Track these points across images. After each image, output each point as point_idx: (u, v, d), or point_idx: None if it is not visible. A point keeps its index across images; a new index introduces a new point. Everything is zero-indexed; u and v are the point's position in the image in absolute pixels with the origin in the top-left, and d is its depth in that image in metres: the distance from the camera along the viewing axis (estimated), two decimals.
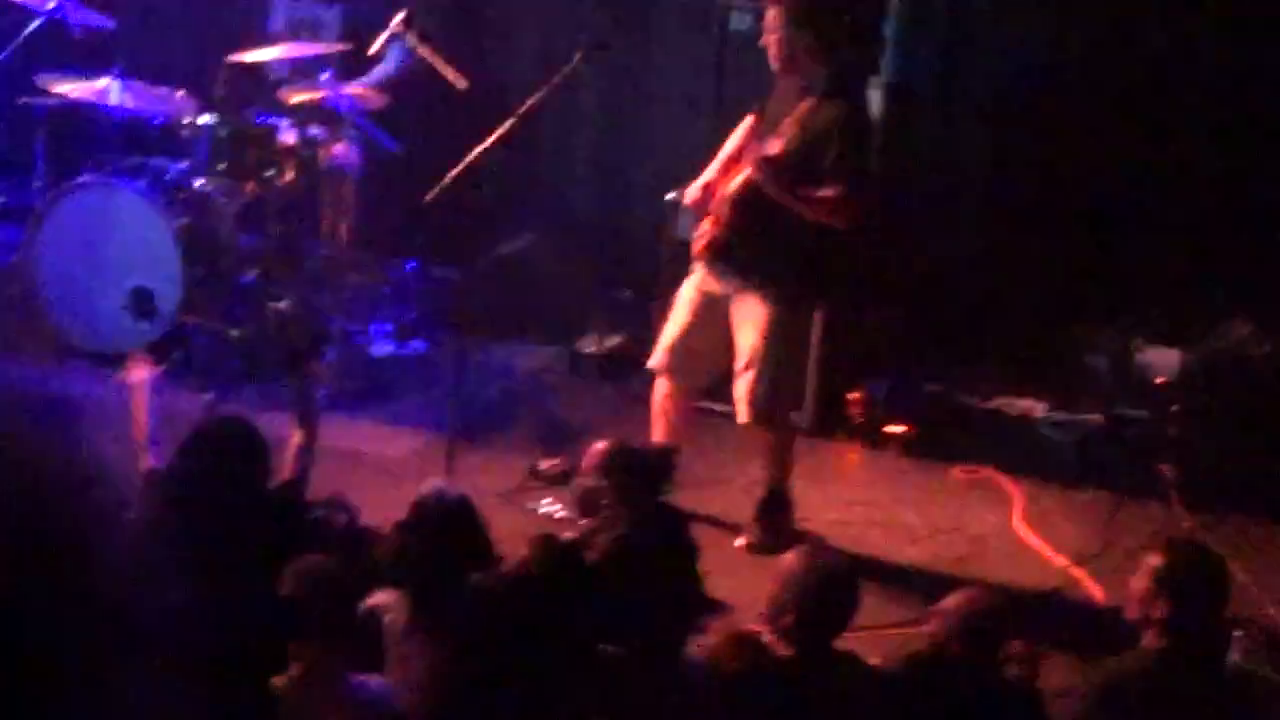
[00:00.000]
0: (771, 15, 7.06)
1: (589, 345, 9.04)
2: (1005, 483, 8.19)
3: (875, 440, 8.50)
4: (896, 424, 8.53)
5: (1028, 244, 9.02)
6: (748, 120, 7.36)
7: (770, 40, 7.07)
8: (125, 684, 2.48)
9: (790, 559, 5.28)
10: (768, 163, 6.95)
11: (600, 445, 5.92)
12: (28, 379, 7.72)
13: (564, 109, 9.31)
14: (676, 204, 7.99)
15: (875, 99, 8.62)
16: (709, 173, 7.32)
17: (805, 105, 7.00)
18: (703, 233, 7.26)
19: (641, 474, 5.73)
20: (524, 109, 7.07)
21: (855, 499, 8.00)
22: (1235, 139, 8.83)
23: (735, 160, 7.25)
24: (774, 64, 7.12)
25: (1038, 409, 8.88)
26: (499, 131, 6.96)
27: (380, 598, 5.29)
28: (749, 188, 7.03)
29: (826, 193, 6.93)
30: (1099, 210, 9.08)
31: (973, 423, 8.80)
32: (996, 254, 9.01)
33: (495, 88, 8.62)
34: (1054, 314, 9.02)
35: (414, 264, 9.16)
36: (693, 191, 7.31)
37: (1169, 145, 8.90)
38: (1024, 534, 7.76)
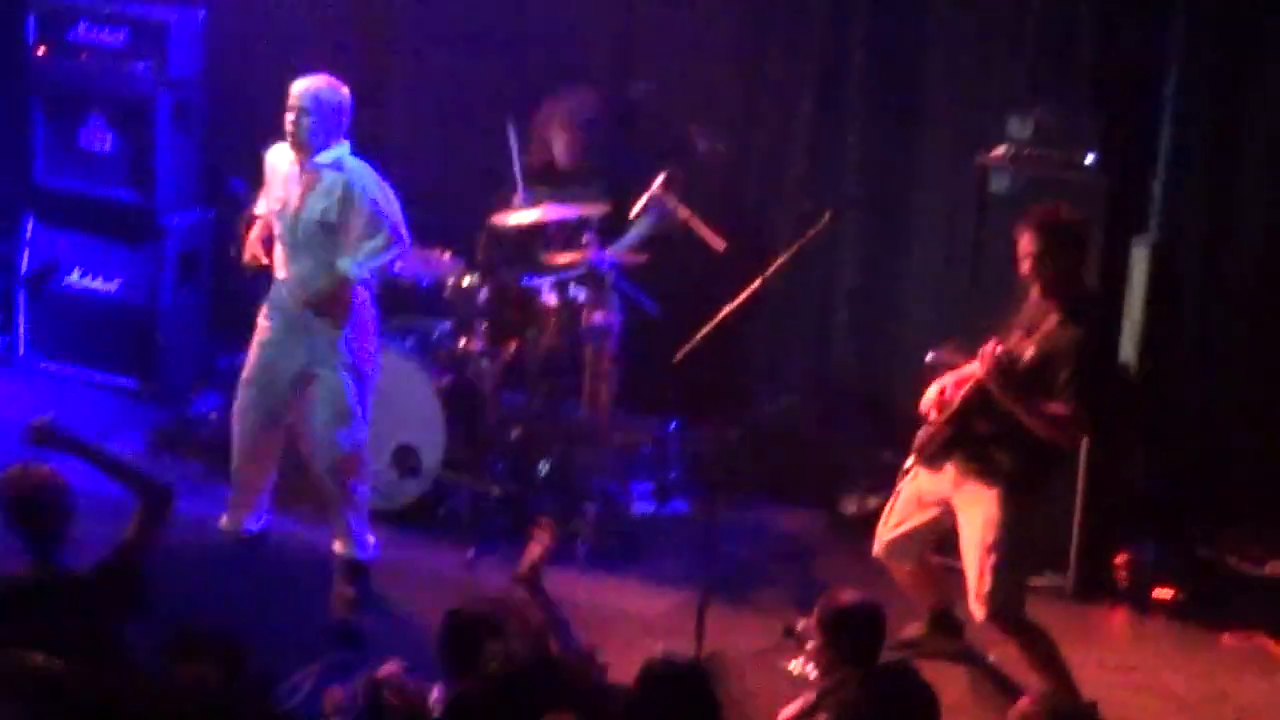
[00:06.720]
0: (1025, 240, 6.99)
1: (850, 506, 8.97)
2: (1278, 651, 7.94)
3: (1142, 605, 8.29)
4: (1165, 588, 8.32)
5: None
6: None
7: (1024, 263, 7.01)
8: None
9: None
10: (998, 362, 6.84)
11: (823, 602, 5.88)
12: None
13: (823, 268, 9.31)
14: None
15: (1141, 258, 8.52)
16: (948, 378, 7.19)
17: (1050, 323, 6.92)
18: (924, 432, 7.19)
19: (853, 633, 5.66)
20: (772, 268, 7.10)
21: (1119, 664, 7.82)
22: None
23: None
24: (1028, 282, 7.08)
25: None
26: (747, 291, 6.99)
27: None
28: (978, 391, 6.96)
29: (1055, 408, 6.82)
30: None
31: (1246, 588, 8.50)
32: (1269, 410, 8.72)
33: (754, 249, 8.63)
34: None
35: (675, 424, 9.18)
36: (928, 400, 7.18)
37: None
38: None
